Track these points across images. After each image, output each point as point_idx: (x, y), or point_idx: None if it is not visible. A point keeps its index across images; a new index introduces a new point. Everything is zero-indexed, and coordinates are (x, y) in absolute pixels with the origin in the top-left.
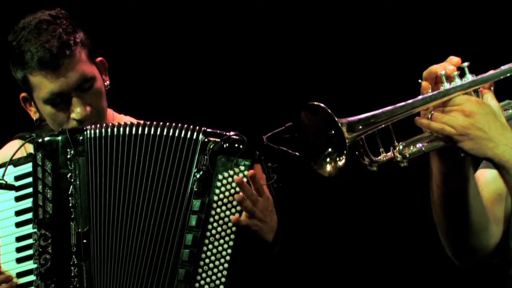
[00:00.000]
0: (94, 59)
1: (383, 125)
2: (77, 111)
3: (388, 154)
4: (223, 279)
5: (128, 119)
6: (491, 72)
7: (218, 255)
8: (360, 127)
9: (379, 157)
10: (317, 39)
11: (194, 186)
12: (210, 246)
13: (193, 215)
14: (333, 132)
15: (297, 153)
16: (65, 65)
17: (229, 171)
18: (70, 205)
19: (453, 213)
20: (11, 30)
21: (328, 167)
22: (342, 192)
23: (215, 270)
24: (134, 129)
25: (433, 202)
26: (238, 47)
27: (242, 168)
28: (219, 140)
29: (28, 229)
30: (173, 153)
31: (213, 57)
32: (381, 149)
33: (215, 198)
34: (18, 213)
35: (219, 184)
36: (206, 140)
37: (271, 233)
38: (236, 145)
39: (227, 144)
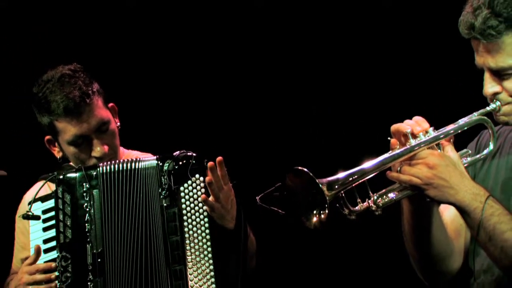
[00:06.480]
0: (107, 105)
1: (359, 181)
2: (97, 150)
3: (364, 204)
4: (211, 267)
5: (135, 154)
6: (451, 126)
7: (201, 249)
8: (337, 186)
9: (356, 207)
10: (317, 48)
11: (164, 202)
12: (192, 244)
13: (170, 223)
14: (315, 191)
15: (284, 212)
16: (86, 112)
17: (188, 181)
18: (86, 230)
19: (421, 243)
20: (34, 83)
21: (314, 220)
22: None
23: (202, 262)
24: (128, 165)
25: (405, 235)
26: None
27: (197, 176)
28: (170, 160)
29: (53, 254)
30: (147, 181)
31: (214, 71)
32: (358, 200)
33: (183, 206)
34: (46, 241)
35: (182, 194)
36: (161, 164)
37: (232, 221)
38: (185, 161)
39: (179, 162)
